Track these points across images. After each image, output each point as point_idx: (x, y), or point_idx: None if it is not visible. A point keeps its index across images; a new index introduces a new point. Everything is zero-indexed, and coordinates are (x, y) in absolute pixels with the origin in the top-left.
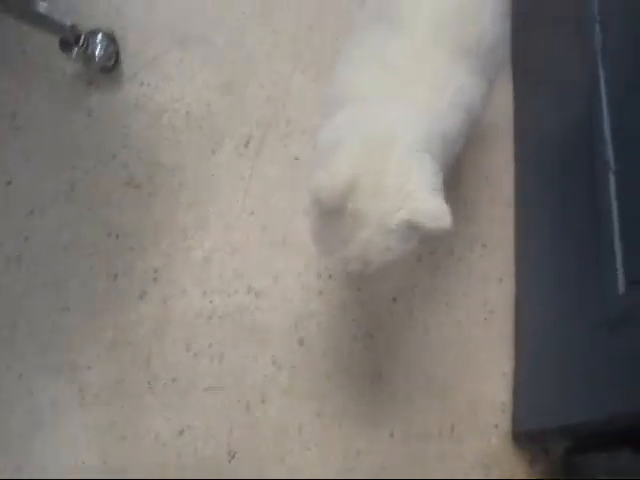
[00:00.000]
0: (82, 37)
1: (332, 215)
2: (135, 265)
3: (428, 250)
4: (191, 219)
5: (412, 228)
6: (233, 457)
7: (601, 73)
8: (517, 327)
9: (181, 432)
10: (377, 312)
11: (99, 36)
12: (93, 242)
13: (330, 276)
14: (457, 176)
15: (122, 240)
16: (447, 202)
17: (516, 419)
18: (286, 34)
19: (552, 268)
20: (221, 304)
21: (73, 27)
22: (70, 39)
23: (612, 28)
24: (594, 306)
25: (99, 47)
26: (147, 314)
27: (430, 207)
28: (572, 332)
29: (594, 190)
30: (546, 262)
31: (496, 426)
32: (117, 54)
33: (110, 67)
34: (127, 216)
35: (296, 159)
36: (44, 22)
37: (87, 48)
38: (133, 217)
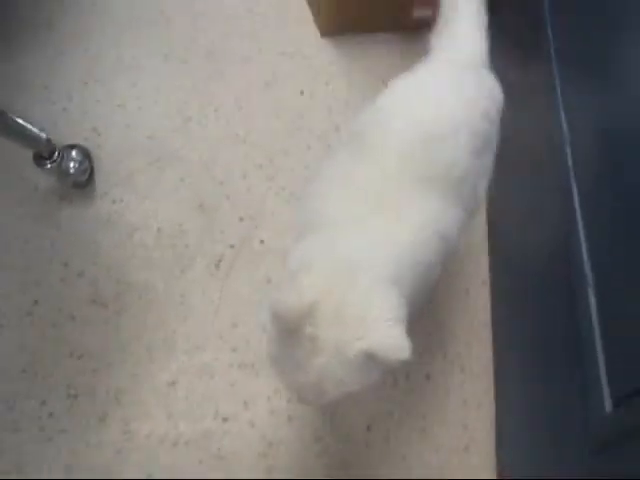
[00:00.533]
0: (57, 151)
1: (290, 336)
2: (97, 386)
3: (404, 374)
4: (158, 340)
5: (370, 359)
6: None
7: (574, 189)
8: (498, 454)
9: None
10: (351, 440)
11: (74, 151)
12: (54, 362)
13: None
14: (433, 298)
15: (85, 360)
16: (411, 333)
17: None
18: (261, 155)
19: (533, 392)
20: (187, 429)
21: (48, 141)
22: (44, 153)
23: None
24: (579, 428)
25: (73, 162)
26: (107, 438)
27: (389, 338)
28: (556, 457)
29: (573, 307)
30: (526, 385)
31: None
32: (91, 170)
33: (83, 183)
34: (91, 335)
35: (268, 281)
36: (19, 135)
37: (61, 162)
38: (98, 337)
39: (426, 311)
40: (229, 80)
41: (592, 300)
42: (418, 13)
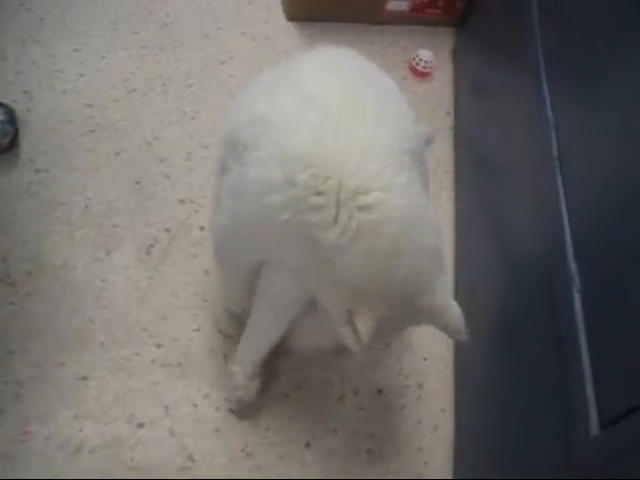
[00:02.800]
0: None
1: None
2: None
3: (352, 388)
4: (72, 328)
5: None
6: None
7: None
8: None
9: None
10: (287, 458)
11: None
12: None
13: (232, 410)
14: None
15: None
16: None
17: None
18: (209, 136)
19: (500, 413)
20: (94, 434)
21: None
22: None
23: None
24: (558, 454)
25: None
26: (1, 438)
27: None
28: None
29: (554, 318)
30: (493, 406)
31: None
32: (15, 133)
33: (5, 146)
34: None
35: (206, 273)
36: None
37: None
38: (0, 319)
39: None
40: (182, 55)
41: (578, 312)
42: (392, 6)
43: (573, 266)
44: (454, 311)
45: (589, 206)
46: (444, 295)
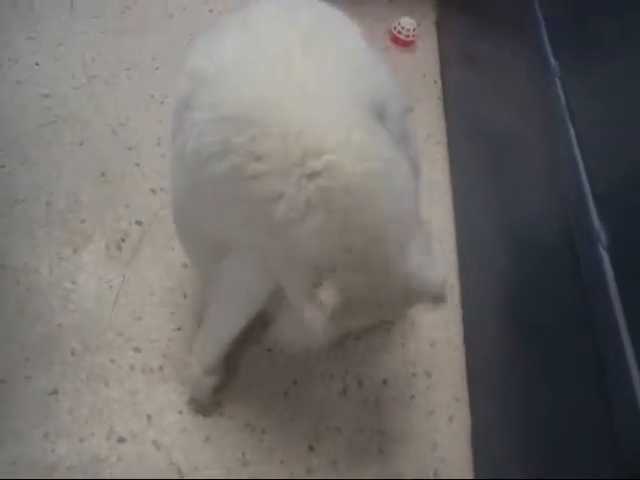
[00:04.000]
0: None
1: None
2: None
3: (355, 380)
4: (37, 336)
5: None
6: None
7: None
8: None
9: None
10: (288, 465)
11: None
12: None
13: (222, 414)
14: None
15: None
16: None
17: None
18: None
19: (522, 400)
20: (69, 453)
21: None
22: None
23: None
24: (600, 447)
25: None
26: None
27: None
28: None
29: (580, 279)
30: (512, 392)
31: None
32: None
33: None
34: None
35: (184, 266)
36: None
37: None
38: None
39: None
40: (146, 38)
41: (608, 271)
42: None
43: (596, 221)
44: (428, 275)
45: (607, 156)
46: (416, 262)
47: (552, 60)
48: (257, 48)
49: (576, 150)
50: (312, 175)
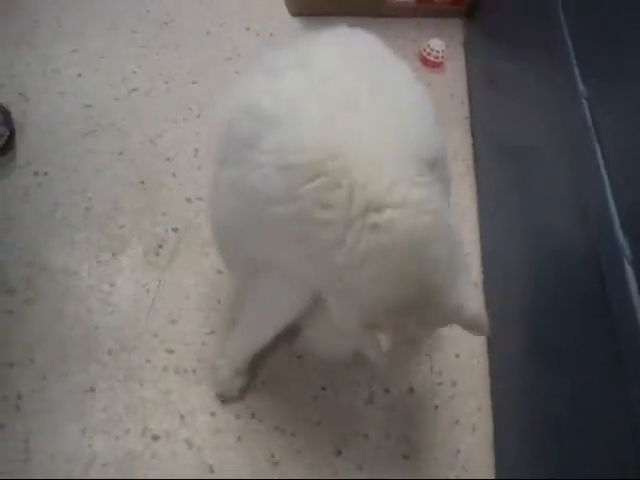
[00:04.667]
0: None
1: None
2: None
3: (382, 388)
4: (76, 336)
5: None
6: None
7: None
8: None
9: None
10: (316, 467)
11: None
12: None
13: (253, 416)
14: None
15: None
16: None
17: None
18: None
19: (545, 408)
20: (105, 449)
21: None
22: None
23: None
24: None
25: None
26: (1, 456)
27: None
28: None
29: (604, 288)
30: (535, 401)
31: None
32: (11, 136)
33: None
34: None
35: (218, 272)
36: None
37: None
38: None
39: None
40: (184, 53)
41: (632, 285)
42: None
43: (621, 236)
44: (472, 307)
45: (632, 173)
46: (461, 297)
47: (579, 82)
48: (321, 93)
49: (602, 168)
50: (373, 228)
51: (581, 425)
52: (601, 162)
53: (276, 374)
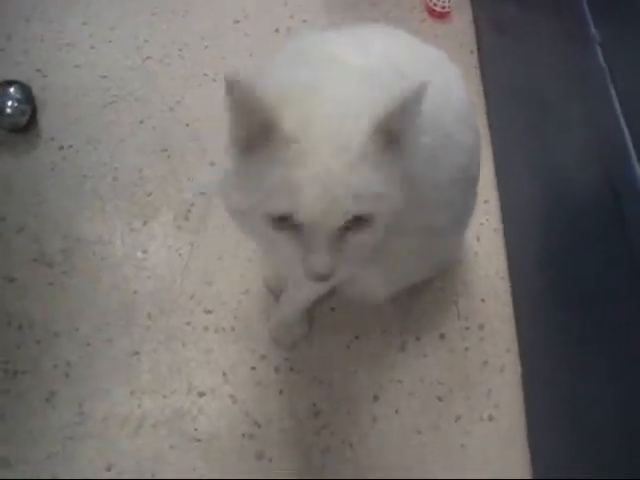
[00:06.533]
0: None
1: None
2: (41, 360)
3: (413, 335)
4: (116, 303)
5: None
6: None
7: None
8: (529, 425)
9: None
10: (355, 414)
11: (12, 88)
12: None
13: (292, 369)
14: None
15: (26, 330)
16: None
17: None
18: None
19: (573, 348)
20: (154, 408)
21: None
22: None
23: None
24: None
25: (11, 100)
26: (55, 423)
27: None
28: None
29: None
30: (562, 339)
31: None
32: (33, 113)
33: (23, 126)
34: (34, 300)
35: None
36: None
37: None
38: (41, 302)
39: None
40: (194, 18)
41: None
42: None
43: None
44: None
45: None
46: None
47: (592, 27)
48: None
49: (617, 107)
50: None
51: (607, 363)
52: (617, 103)
53: (311, 326)
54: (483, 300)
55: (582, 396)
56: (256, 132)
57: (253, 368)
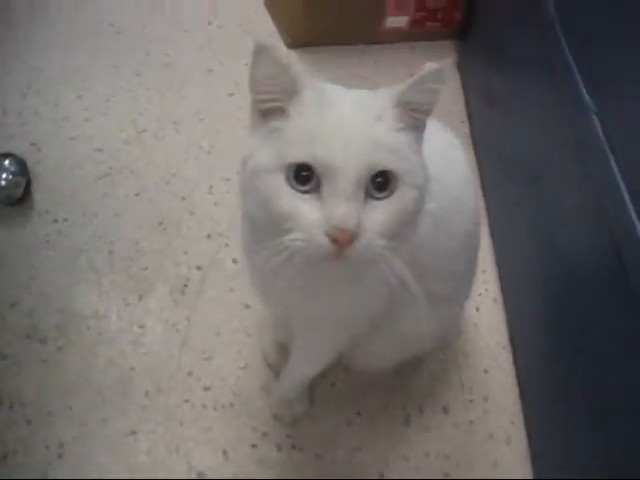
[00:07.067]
0: None
1: None
2: (33, 440)
3: (416, 409)
4: (111, 379)
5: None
6: None
7: None
8: None
9: None
10: None
11: (7, 161)
12: None
13: (294, 446)
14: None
15: (17, 409)
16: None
17: None
18: (228, 168)
19: (577, 415)
20: None
21: None
22: None
23: None
24: None
25: (6, 173)
26: None
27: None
28: None
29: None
30: (568, 408)
31: None
32: (28, 186)
33: (17, 199)
34: (26, 378)
35: (245, 306)
36: None
37: None
38: (34, 379)
39: None
40: (188, 92)
41: None
42: (391, 23)
43: None
44: None
45: None
46: None
47: (586, 96)
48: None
49: (619, 180)
50: None
51: (614, 425)
52: (617, 171)
53: (311, 402)
54: (486, 371)
55: (592, 464)
56: (280, 91)
57: (254, 446)
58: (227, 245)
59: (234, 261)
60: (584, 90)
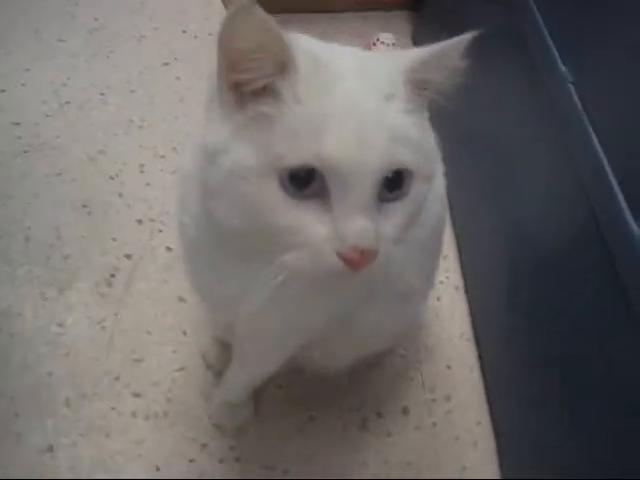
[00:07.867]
0: None
1: None
2: None
3: (373, 411)
4: (26, 387)
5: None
6: None
7: None
8: None
9: None
10: None
11: None
12: None
13: (238, 459)
14: None
15: None
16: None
17: None
18: (163, 144)
19: (545, 415)
20: None
21: None
22: None
23: None
24: None
25: None
26: None
27: None
28: None
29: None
30: (538, 406)
31: None
32: None
33: None
34: None
35: (180, 299)
36: None
37: None
38: None
39: None
40: (118, 60)
41: None
42: None
43: (632, 222)
44: None
45: (632, 153)
46: None
47: (561, 65)
48: None
49: (599, 151)
50: None
51: (584, 428)
52: (597, 143)
53: (257, 409)
54: (449, 367)
55: (565, 467)
56: (270, 67)
57: (192, 460)
58: (160, 231)
59: (168, 249)
60: (559, 60)
